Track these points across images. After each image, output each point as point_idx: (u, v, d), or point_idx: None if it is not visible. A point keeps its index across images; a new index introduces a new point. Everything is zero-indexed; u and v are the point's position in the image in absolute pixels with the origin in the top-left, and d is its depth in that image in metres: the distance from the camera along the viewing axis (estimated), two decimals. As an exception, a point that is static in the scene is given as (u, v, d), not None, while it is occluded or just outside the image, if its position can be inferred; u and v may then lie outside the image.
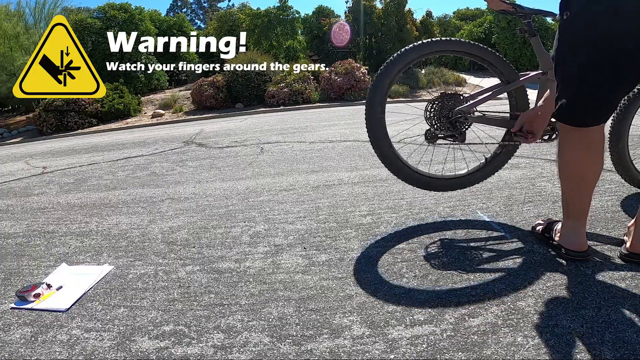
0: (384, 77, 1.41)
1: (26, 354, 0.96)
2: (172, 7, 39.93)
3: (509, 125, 1.51)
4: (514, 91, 1.49)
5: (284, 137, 4.41)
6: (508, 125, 1.51)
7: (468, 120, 1.43)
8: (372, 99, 1.41)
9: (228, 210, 1.94)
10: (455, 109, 1.40)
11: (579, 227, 1.14)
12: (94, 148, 5.34)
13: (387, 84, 1.41)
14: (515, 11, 1.40)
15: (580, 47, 1.01)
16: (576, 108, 1.06)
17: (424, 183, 1.54)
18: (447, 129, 1.43)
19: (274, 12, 17.51)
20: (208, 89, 11.04)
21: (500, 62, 1.47)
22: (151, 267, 1.38)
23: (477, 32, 18.11)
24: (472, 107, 1.41)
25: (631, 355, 0.78)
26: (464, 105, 1.40)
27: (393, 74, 1.40)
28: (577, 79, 1.05)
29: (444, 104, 1.43)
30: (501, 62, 1.47)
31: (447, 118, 1.42)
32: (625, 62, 0.97)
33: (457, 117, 1.39)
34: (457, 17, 24.57)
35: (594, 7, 0.97)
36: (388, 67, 1.40)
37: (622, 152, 1.56)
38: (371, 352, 0.87)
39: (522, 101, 1.49)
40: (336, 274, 1.22)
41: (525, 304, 0.98)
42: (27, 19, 12.89)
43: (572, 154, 1.11)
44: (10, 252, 1.65)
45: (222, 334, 0.97)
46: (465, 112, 1.40)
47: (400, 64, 1.40)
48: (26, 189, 2.96)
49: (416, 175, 1.51)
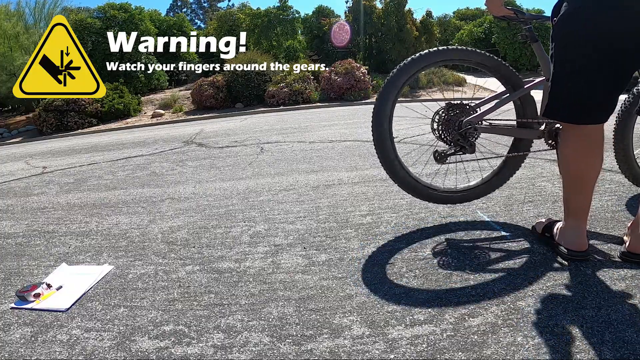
0: (391, 87, 1.38)
1: (26, 354, 0.96)
2: (172, 7, 39.96)
3: (516, 134, 1.50)
4: (520, 99, 1.46)
5: (284, 137, 4.41)
6: (515, 133, 1.50)
7: (477, 131, 1.40)
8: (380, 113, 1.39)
9: (228, 210, 1.94)
10: (463, 119, 1.37)
11: (580, 227, 1.14)
12: (94, 148, 5.34)
13: (395, 94, 1.39)
14: (516, 17, 1.39)
15: (580, 47, 1.02)
16: (575, 107, 1.07)
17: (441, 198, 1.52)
18: (456, 141, 1.39)
19: (274, 12, 17.51)
20: (208, 89, 11.04)
21: (507, 70, 1.46)
22: (151, 267, 1.38)
23: (477, 32, 18.13)
24: (480, 118, 1.38)
25: (631, 355, 0.78)
26: (472, 116, 1.37)
27: (402, 83, 1.38)
28: (577, 78, 1.05)
29: (451, 114, 1.39)
30: (508, 71, 1.46)
31: (457, 130, 1.38)
32: (625, 62, 0.97)
33: (467, 128, 1.36)
34: (457, 17, 24.59)
35: (593, 6, 0.97)
36: (395, 76, 1.38)
37: (627, 149, 1.56)
38: (371, 352, 0.87)
39: (529, 109, 1.47)
40: (336, 274, 1.22)
41: (525, 304, 0.98)
42: (27, 19, 12.90)
43: (571, 153, 1.11)
44: (10, 252, 1.65)
45: (222, 333, 0.97)
46: (474, 123, 1.37)
47: (406, 75, 1.38)
48: (26, 189, 2.96)
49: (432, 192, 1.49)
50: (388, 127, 1.40)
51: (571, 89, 1.07)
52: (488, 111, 1.40)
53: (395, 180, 1.46)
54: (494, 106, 1.41)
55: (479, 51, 1.45)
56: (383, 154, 1.42)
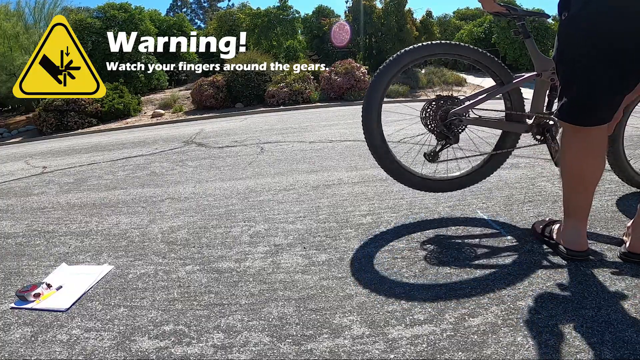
0: (382, 77, 1.44)
1: (26, 354, 0.96)
2: (172, 7, 39.96)
3: (504, 127, 1.52)
4: (509, 93, 1.50)
5: (284, 137, 4.41)
6: (503, 127, 1.52)
7: (463, 123, 1.44)
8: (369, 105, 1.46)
9: (228, 210, 1.94)
10: (450, 111, 1.42)
11: (580, 227, 1.14)
12: (94, 148, 5.34)
13: (386, 83, 1.44)
14: (509, 13, 1.42)
15: (581, 47, 1.02)
16: (577, 108, 1.07)
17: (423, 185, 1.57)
18: (441, 132, 1.44)
19: (274, 12, 17.50)
20: (208, 89, 11.04)
21: (495, 64, 1.49)
22: (151, 266, 1.38)
23: (477, 32, 18.13)
24: (467, 110, 1.43)
25: (631, 355, 0.78)
26: (458, 108, 1.42)
27: (391, 76, 1.44)
28: (577, 78, 1.05)
29: (440, 106, 1.44)
30: (496, 65, 1.49)
31: (442, 120, 1.43)
32: (626, 62, 0.97)
33: (452, 119, 1.41)
34: (457, 16, 24.61)
35: (594, 6, 0.97)
36: (384, 70, 1.44)
37: (617, 153, 1.56)
38: (371, 351, 0.87)
39: (518, 103, 1.50)
40: (336, 273, 1.22)
41: (525, 304, 0.98)
42: (26, 19, 12.90)
43: (573, 154, 1.11)
44: (10, 252, 1.65)
45: (222, 333, 0.97)
46: (459, 115, 1.41)
47: (395, 69, 1.44)
48: (26, 189, 2.96)
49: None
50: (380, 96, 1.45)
51: (572, 90, 1.07)
52: (474, 104, 1.43)
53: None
54: (480, 99, 1.44)
55: (467, 46, 1.49)
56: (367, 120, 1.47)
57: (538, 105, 1.46)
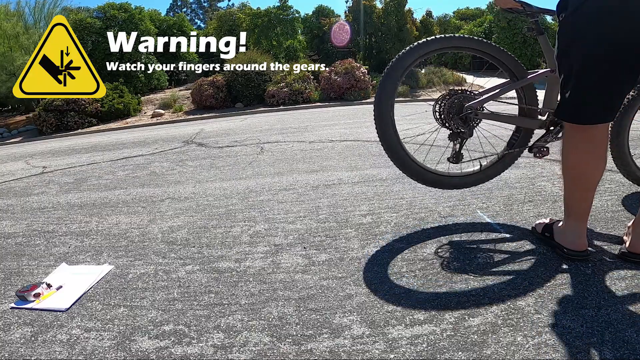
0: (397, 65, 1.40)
1: (26, 354, 0.96)
2: (172, 7, 39.99)
3: (518, 122, 1.51)
4: (523, 88, 1.48)
5: (283, 137, 4.41)
6: (517, 122, 1.51)
7: (478, 117, 1.41)
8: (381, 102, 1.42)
9: (228, 210, 1.94)
10: (465, 104, 1.39)
11: (580, 227, 1.14)
12: (94, 148, 5.34)
13: (400, 75, 1.41)
14: (523, 9, 1.40)
15: (582, 45, 1.01)
16: (578, 106, 1.06)
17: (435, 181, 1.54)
18: (457, 126, 1.42)
19: (274, 11, 17.51)
20: (208, 89, 11.05)
21: (510, 59, 1.48)
22: (151, 266, 1.38)
23: (477, 32, 18.12)
24: (482, 104, 1.41)
25: (631, 355, 0.78)
26: (474, 101, 1.39)
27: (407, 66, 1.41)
28: (579, 76, 1.04)
29: (454, 100, 1.42)
30: (511, 60, 1.47)
31: (458, 114, 1.40)
32: (628, 60, 0.97)
33: (468, 113, 1.38)
34: (457, 16, 24.61)
35: (596, 3, 0.97)
36: (399, 60, 1.40)
37: (621, 146, 1.55)
38: (371, 351, 0.87)
39: (531, 98, 1.49)
40: (336, 273, 1.22)
41: (525, 304, 0.98)
42: (26, 19, 12.92)
43: (575, 153, 1.11)
44: (10, 252, 1.65)
45: (222, 333, 0.97)
46: (475, 108, 1.39)
47: (410, 59, 1.40)
48: (26, 189, 2.96)
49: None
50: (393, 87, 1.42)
51: (574, 88, 1.07)
52: (489, 98, 1.41)
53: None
54: (495, 94, 1.42)
55: (484, 40, 1.47)
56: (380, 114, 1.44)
57: (551, 102, 1.45)
